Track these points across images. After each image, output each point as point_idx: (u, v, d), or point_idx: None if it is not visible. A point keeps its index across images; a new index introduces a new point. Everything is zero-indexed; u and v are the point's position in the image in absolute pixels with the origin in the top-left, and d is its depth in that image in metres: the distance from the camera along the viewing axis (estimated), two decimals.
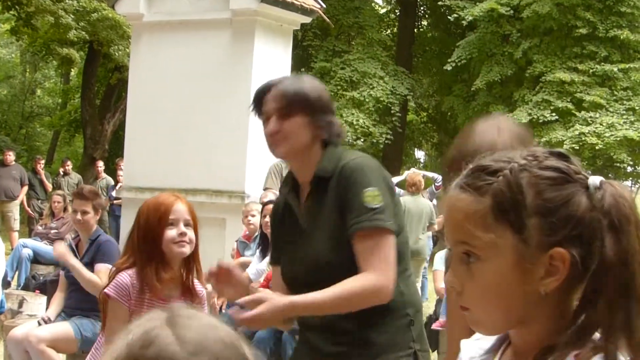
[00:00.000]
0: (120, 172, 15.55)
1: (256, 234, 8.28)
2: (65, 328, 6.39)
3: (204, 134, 10.45)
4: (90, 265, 6.28)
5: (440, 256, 9.06)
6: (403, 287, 3.01)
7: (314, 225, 3.05)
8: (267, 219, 7.74)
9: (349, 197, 2.92)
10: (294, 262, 3.10)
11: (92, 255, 6.38)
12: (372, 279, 2.85)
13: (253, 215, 8.41)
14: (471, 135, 2.52)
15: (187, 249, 3.65)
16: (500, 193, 1.44)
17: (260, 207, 8.27)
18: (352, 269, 2.90)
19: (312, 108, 3.05)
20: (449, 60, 22.53)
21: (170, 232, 3.60)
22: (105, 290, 3.70)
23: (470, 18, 21.51)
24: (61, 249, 6.28)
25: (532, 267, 1.42)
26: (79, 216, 6.45)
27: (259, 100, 3.12)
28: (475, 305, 1.48)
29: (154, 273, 3.63)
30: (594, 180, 1.46)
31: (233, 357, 1.22)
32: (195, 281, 3.76)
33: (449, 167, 2.36)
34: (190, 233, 3.66)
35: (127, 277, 3.67)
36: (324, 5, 11.86)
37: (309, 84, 3.12)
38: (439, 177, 14.17)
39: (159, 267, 3.64)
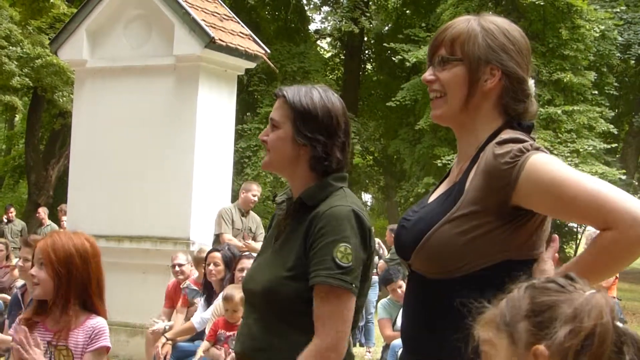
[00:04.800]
0: (63, 219, 15.35)
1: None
2: None
3: (148, 180, 10.36)
4: None
5: (382, 305, 9.07)
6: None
7: (281, 247, 2.92)
8: (211, 267, 7.68)
9: (320, 245, 2.77)
10: (252, 276, 2.98)
11: None
12: (322, 345, 2.74)
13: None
14: None
15: (36, 292, 3.55)
16: None
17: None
18: (295, 306, 2.82)
19: (300, 122, 2.88)
20: (393, 99, 22.70)
21: None
22: None
23: (414, 60, 21.70)
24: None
25: None
26: (22, 263, 6.35)
27: None
28: None
29: (31, 314, 3.61)
30: None
31: None
32: (92, 319, 3.60)
33: None
34: (40, 274, 3.51)
35: None
36: (269, 51, 11.89)
37: (313, 98, 2.91)
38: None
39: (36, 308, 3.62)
